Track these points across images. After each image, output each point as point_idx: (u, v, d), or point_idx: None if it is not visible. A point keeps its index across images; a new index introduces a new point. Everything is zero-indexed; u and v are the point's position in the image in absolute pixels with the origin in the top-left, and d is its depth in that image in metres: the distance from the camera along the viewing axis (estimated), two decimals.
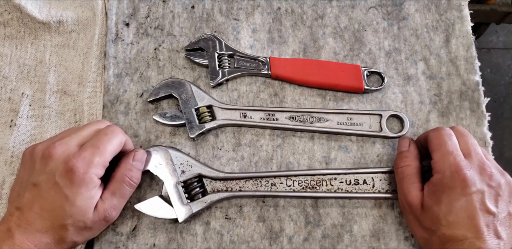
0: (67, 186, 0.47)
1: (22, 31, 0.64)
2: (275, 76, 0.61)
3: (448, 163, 0.49)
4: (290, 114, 0.59)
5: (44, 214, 0.48)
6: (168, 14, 0.65)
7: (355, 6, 0.65)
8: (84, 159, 0.48)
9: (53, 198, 0.48)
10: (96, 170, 0.49)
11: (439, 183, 0.49)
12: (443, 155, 0.50)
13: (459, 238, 0.46)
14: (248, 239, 0.55)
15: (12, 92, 0.61)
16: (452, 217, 0.47)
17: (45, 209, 0.48)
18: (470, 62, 0.63)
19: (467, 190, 0.48)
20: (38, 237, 0.47)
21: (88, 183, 0.48)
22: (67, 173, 0.47)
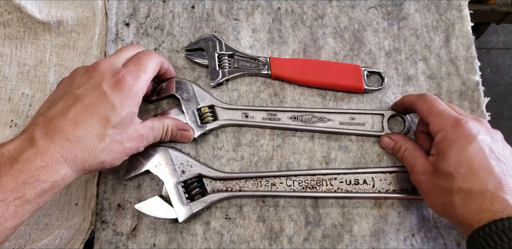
0: (116, 95, 0.46)
1: (22, 31, 0.64)
2: (275, 76, 0.61)
3: (445, 119, 0.49)
4: (292, 114, 0.59)
5: (80, 121, 0.43)
6: (168, 14, 0.65)
7: (355, 6, 0.65)
8: (131, 73, 0.48)
9: (96, 106, 0.45)
10: (141, 85, 0.48)
11: (442, 140, 0.48)
12: (437, 115, 0.50)
13: (478, 190, 0.44)
14: (248, 239, 0.55)
15: (12, 92, 0.61)
16: (463, 169, 0.45)
17: (83, 116, 0.44)
18: (470, 62, 0.63)
19: (472, 139, 0.46)
20: (67, 146, 0.42)
21: (135, 96, 0.48)
22: (116, 84, 0.46)
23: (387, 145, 0.57)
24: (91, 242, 0.56)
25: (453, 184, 0.45)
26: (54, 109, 0.44)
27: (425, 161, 0.50)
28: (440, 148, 0.48)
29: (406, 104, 0.56)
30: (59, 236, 0.54)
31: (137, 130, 0.49)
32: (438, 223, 0.56)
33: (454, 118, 0.48)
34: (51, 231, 0.55)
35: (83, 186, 0.57)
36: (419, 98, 0.53)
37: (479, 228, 0.42)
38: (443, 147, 0.47)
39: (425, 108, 0.51)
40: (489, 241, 0.41)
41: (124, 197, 0.57)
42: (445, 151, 0.47)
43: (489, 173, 0.44)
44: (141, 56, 0.51)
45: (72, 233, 0.55)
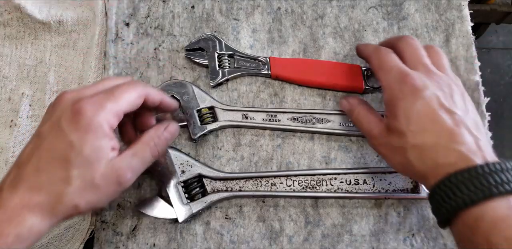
0: (73, 130, 0.40)
1: (22, 31, 0.64)
2: (275, 76, 0.60)
3: (392, 76, 0.47)
4: (292, 115, 0.59)
5: (42, 166, 0.40)
6: (168, 14, 0.65)
7: (355, 6, 0.65)
8: (94, 102, 0.41)
9: (55, 146, 0.40)
10: (107, 116, 0.41)
11: (390, 98, 0.47)
12: (386, 72, 0.48)
13: (431, 145, 0.43)
14: (248, 239, 0.55)
15: (12, 92, 0.61)
16: (413, 126, 0.44)
17: (43, 160, 0.40)
18: (470, 62, 0.63)
19: (418, 94, 0.45)
20: (29, 195, 0.39)
21: (96, 129, 0.40)
22: (73, 116, 0.40)
23: (344, 108, 0.55)
24: (91, 242, 0.56)
25: (406, 142, 0.44)
26: (22, 154, 0.42)
27: (379, 124, 0.49)
28: (389, 107, 0.47)
29: (362, 55, 0.55)
30: (59, 236, 0.54)
31: (113, 165, 0.42)
32: None
33: (400, 74, 0.47)
34: (51, 231, 0.55)
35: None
36: (373, 52, 0.52)
37: (435, 185, 0.41)
38: (391, 106, 0.46)
39: (376, 63, 0.50)
40: (444, 197, 0.40)
41: (124, 197, 0.57)
42: (394, 110, 0.46)
43: (440, 126, 0.43)
44: (117, 86, 0.44)
45: (71, 233, 0.55)
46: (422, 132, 0.43)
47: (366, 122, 0.51)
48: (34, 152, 0.41)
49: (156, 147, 0.46)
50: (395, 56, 0.50)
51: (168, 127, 0.48)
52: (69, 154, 0.40)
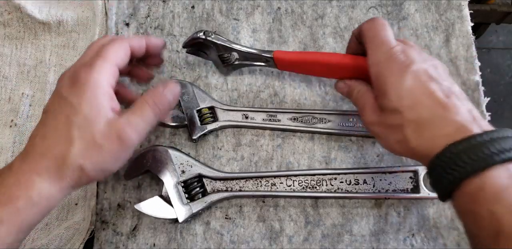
0: (72, 94, 0.41)
1: (22, 31, 0.64)
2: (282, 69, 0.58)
3: (381, 51, 0.45)
4: (292, 115, 0.59)
5: (47, 133, 0.41)
6: (168, 14, 0.65)
7: (355, 6, 0.65)
8: (85, 65, 0.43)
9: (58, 113, 0.42)
10: (101, 74, 0.42)
11: (378, 75, 0.45)
12: (376, 46, 0.46)
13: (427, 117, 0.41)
14: (248, 239, 0.55)
15: (12, 92, 0.61)
16: (406, 100, 0.43)
17: (49, 128, 0.42)
18: (470, 62, 0.63)
19: (406, 69, 0.43)
20: (36, 160, 0.40)
21: (93, 88, 0.41)
22: (71, 83, 0.42)
23: (341, 90, 0.53)
24: (91, 242, 0.56)
25: (402, 118, 0.43)
26: (34, 129, 0.43)
27: (373, 101, 0.47)
28: (378, 85, 0.45)
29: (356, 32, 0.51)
30: (59, 236, 0.54)
31: (113, 123, 0.42)
32: (438, 223, 0.56)
33: (390, 51, 0.45)
34: (51, 231, 0.55)
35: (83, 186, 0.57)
36: (368, 22, 0.49)
37: (435, 157, 0.40)
38: (380, 83, 0.45)
39: (368, 34, 0.48)
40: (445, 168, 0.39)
41: (124, 197, 0.57)
42: (383, 88, 0.44)
43: (433, 98, 0.42)
44: (102, 46, 0.45)
45: (72, 233, 0.55)
46: (416, 106, 0.42)
47: (363, 99, 0.49)
48: (40, 126, 0.42)
49: (156, 105, 0.45)
50: (390, 29, 0.48)
51: (167, 84, 0.47)
52: (70, 115, 0.41)
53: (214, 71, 0.62)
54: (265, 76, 0.62)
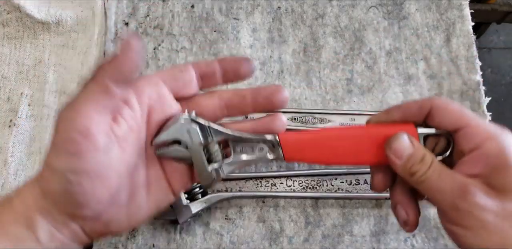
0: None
1: (21, 30, 0.63)
2: (290, 159, 0.40)
3: (490, 125, 0.36)
4: (292, 115, 0.59)
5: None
6: (168, 14, 0.64)
7: (356, 6, 0.65)
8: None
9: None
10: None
11: (501, 150, 0.34)
12: (479, 122, 0.36)
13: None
14: (248, 239, 0.55)
15: (11, 92, 0.61)
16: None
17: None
18: (471, 61, 0.63)
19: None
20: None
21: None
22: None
23: (400, 151, 0.36)
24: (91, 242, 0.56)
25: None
26: None
27: (472, 180, 0.34)
28: (500, 160, 0.34)
29: (413, 110, 0.38)
30: None
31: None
32: (439, 224, 0.56)
33: (498, 126, 0.36)
34: None
35: None
36: (434, 98, 0.37)
37: None
38: (506, 158, 0.33)
39: (455, 108, 0.36)
40: None
41: None
42: (510, 162, 0.33)
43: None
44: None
45: None
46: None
47: (449, 176, 0.35)
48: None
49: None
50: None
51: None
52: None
53: None
54: (265, 76, 0.62)
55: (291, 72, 0.62)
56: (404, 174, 0.36)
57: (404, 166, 0.36)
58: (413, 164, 0.36)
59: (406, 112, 0.38)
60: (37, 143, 0.59)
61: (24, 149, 0.58)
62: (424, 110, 0.37)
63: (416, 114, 0.38)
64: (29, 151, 0.58)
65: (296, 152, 0.40)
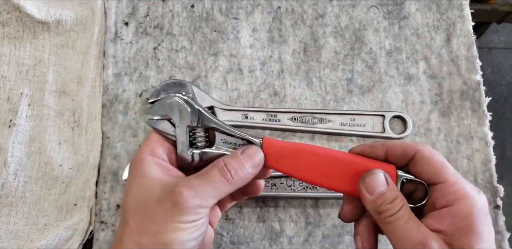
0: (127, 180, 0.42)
1: (21, 30, 0.63)
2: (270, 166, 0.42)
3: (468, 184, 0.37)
4: (292, 115, 0.59)
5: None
6: (168, 13, 0.64)
7: (356, 5, 0.65)
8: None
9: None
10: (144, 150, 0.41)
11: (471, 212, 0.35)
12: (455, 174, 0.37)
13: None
14: (248, 239, 0.55)
15: (11, 92, 0.61)
16: (493, 245, 0.35)
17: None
18: (471, 61, 0.62)
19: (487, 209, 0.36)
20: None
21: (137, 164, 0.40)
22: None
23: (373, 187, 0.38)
24: (90, 243, 0.55)
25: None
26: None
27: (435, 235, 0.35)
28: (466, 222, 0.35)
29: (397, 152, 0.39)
30: (58, 236, 0.54)
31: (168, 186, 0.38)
32: None
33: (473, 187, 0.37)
34: (50, 231, 0.55)
35: (81, 186, 0.57)
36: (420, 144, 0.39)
37: None
38: (472, 222, 0.35)
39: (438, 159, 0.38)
40: None
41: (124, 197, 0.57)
42: (475, 228, 0.35)
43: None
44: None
45: (71, 233, 0.55)
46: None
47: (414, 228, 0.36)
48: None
49: (227, 169, 0.38)
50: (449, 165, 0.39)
51: (246, 149, 0.40)
52: (123, 199, 0.40)
53: (213, 70, 0.62)
54: (265, 76, 0.62)
55: (291, 72, 0.62)
56: (371, 211, 0.38)
57: (373, 202, 0.37)
58: (382, 203, 0.37)
59: (389, 151, 0.39)
60: (36, 143, 0.59)
61: (23, 149, 0.58)
62: (408, 155, 0.38)
63: (398, 157, 0.39)
64: (28, 151, 0.58)
65: (274, 160, 0.41)
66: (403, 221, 0.36)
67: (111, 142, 0.59)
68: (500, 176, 0.59)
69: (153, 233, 0.36)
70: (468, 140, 0.59)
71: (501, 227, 0.56)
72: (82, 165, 0.58)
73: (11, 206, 0.56)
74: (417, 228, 0.35)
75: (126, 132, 0.59)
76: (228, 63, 0.62)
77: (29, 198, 0.57)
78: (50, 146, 0.58)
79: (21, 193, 0.57)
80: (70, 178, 0.57)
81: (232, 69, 0.62)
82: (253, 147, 0.41)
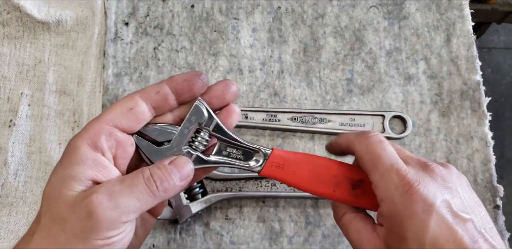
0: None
1: (21, 30, 0.63)
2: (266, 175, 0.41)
3: (392, 185, 0.35)
4: (292, 115, 0.59)
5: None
6: (168, 14, 0.64)
7: (356, 5, 0.65)
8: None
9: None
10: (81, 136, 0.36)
11: (392, 216, 0.35)
12: (382, 175, 0.36)
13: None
14: (248, 239, 0.55)
15: (11, 92, 0.61)
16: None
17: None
18: (471, 61, 0.62)
19: (431, 210, 0.34)
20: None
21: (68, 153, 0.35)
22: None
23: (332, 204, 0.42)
24: None
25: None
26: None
27: (373, 236, 0.37)
28: (391, 225, 0.36)
29: (343, 146, 0.41)
30: None
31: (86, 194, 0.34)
32: None
33: (404, 183, 0.35)
34: None
35: None
36: (359, 141, 0.39)
37: None
38: (395, 225, 0.35)
39: (368, 158, 0.38)
40: None
41: None
42: (399, 231, 0.35)
43: (458, 246, 0.34)
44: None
45: None
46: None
47: (355, 229, 0.39)
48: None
49: (152, 180, 0.34)
50: (390, 146, 0.38)
51: (175, 159, 0.36)
52: (44, 189, 0.35)
53: (214, 70, 0.62)
54: (265, 76, 0.62)
55: (291, 72, 0.62)
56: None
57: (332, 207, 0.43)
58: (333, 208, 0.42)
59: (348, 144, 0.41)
60: (37, 143, 0.59)
61: (24, 149, 0.58)
62: (351, 150, 0.40)
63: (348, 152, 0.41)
64: (29, 151, 0.59)
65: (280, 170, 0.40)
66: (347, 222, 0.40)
67: None
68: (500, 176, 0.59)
69: (61, 243, 0.32)
70: (468, 140, 0.59)
71: (500, 226, 0.56)
72: None
73: (11, 206, 0.56)
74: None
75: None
76: (228, 63, 0.62)
77: (29, 198, 0.57)
78: (50, 146, 0.58)
79: (22, 193, 0.57)
80: None
81: (232, 69, 0.62)
82: (182, 158, 0.37)
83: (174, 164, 0.36)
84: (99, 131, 0.35)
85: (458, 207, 0.35)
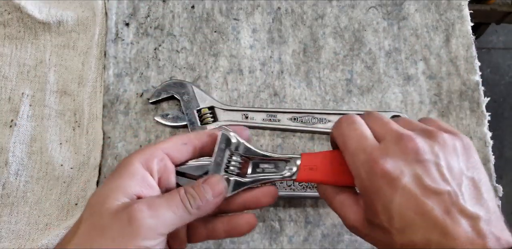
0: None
1: (22, 31, 0.64)
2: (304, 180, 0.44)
3: (359, 162, 0.37)
4: (292, 115, 0.59)
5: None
6: (168, 14, 0.65)
7: (355, 6, 0.65)
8: None
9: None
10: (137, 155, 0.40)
11: (362, 191, 0.38)
12: (352, 155, 0.38)
13: (421, 242, 0.34)
14: (248, 239, 0.55)
15: (12, 92, 0.61)
16: (397, 222, 0.35)
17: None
18: (470, 62, 0.63)
19: (396, 184, 0.35)
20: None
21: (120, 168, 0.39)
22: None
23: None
24: None
25: (392, 240, 0.35)
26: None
27: (356, 208, 0.39)
28: (365, 200, 0.38)
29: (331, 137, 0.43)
30: (59, 236, 0.54)
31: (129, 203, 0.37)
32: None
33: (369, 160, 0.36)
34: (51, 231, 0.55)
35: (83, 186, 0.57)
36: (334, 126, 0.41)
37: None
38: (366, 199, 0.37)
39: (339, 140, 0.40)
40: None
41: None
42: (370, 204, 0.37)
43: (427, 218, 0.34)
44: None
45: None
46: (409, 228, 0.34)
47: (339, 203, 0.41)
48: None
49: (188, 198, 0.37)
50: (360, 126, 0.39)
51: (208, 178, 0.40)
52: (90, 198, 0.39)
53: (214, 71, 0.62)
54: (265, 76, 0.62)
55: (291, 72, 0.62)
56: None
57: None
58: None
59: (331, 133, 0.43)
60: (38, 143, 0.59)
61: (25, 149, 0.59)
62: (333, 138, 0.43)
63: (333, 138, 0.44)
64: (30, 151, 0.59)
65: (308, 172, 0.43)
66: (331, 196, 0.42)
67: (112, 142, 0.59)
68: (499, 176, 0.59)
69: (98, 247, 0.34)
70: None
71: None
72: (83, 165, 0.58)
73: (12, 206, 0.56)
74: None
75: (127, 132, 0.59)
76: (228, 64, 0.62)
77: (30, 197, 0.57)
78: (51, 146, 0.59)
79: (23, 193, 0.57)
80: (71, 178, 0.58)
81: (232, 70, 0.62)
82: (215, 176, 0.40)
83: (207, 183, 0.39)
84: (154, 154, 0.39)
85: (433, 180, 0.35)
